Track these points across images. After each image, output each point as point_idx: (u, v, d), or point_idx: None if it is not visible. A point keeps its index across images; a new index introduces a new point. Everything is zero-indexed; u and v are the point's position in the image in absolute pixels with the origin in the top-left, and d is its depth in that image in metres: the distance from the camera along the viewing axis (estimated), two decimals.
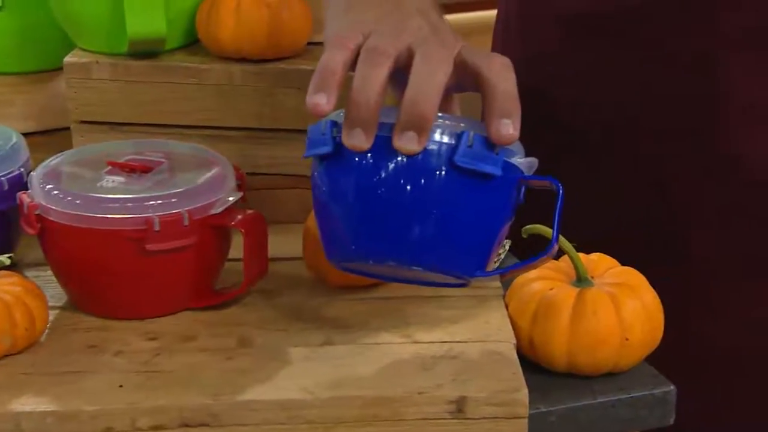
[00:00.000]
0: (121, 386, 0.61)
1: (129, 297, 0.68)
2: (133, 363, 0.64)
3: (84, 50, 0.85)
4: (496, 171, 0.60)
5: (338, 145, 0.60)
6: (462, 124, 0.60)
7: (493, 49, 0.98)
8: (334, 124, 0.60)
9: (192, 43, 0.86)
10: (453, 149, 0.59)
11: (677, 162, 0.84)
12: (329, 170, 0.61)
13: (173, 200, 0.66)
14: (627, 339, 0.67)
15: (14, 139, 0.74)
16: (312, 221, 0.70)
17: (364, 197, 0.60)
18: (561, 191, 0.62)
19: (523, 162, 0.62)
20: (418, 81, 0.58)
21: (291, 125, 0.83)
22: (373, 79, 0.58)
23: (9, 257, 0.64)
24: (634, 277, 0.71)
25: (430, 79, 0.58)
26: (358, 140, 0.58)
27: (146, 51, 0.82)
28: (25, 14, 0.90)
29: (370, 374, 0.62)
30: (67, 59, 0.83)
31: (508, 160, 0.61)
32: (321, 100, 0.58)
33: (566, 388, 0.66)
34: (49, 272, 0.72)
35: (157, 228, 0.65)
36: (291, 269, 0.75)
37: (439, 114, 0.60)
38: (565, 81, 0.88)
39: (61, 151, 0.84)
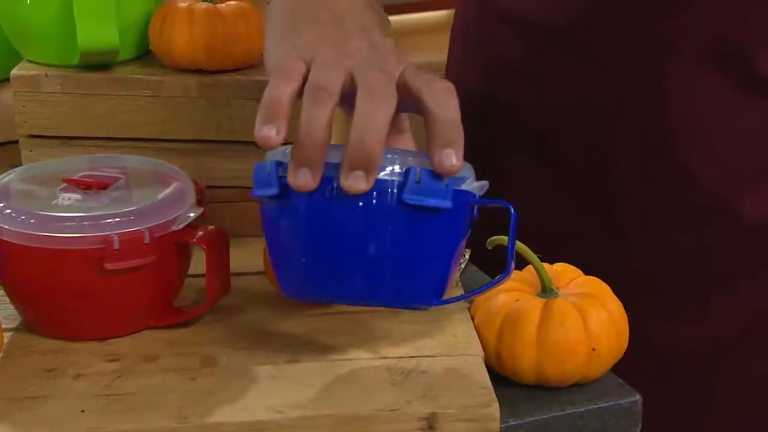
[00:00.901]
0: (83, 411, 0.59)
1: (87, 317, 0.66)
2: (94, 386, 0.62)
3: (32, 62, 0.83)
4: (446, 204, 0.60)
5: (284, 187, 0.59)
6: (409, 158, 0.60)
7: (452, 49, 0.98)
8: (279, 164, 0.60)
9: (144, 54, 0.85)
10: (401, 186, 0.59)
11: (629, 171, 0.85)
12: (277, 211, 0.61)
13: (132, 218, 0.65)
14: (594, 350, 0.67)
15: None
16: None
17: (312, 239, 0.60)
18: (513, 214, 0.62)
19: (474, 185, 0.62)
20: (362, 120, 0.57)
21: (249, 137, 0.80)
22: (317, 118, 0.57)
23: None
24: (598, 286, 0.71)
25: (374, 117, 0.57)
26: (305, 180, 0.57)
27: (98, 63, 0.81)
28: None
29: (339, 392, 0.62)
30: (15, 72, 0.82)
31: (457, 187, 0.61)
32: (271, 132, 0.58)
33: (534, 400, 0.67)
34: (0, 293, 0.70)
35: (116, 246, 0.63)
36: (252, 284, 0.74)
37: (388, 149, 0.59)
38: (524, 83, 0.89)
39: (9, 166, 0.82)
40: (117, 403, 0.60)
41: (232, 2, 0.82)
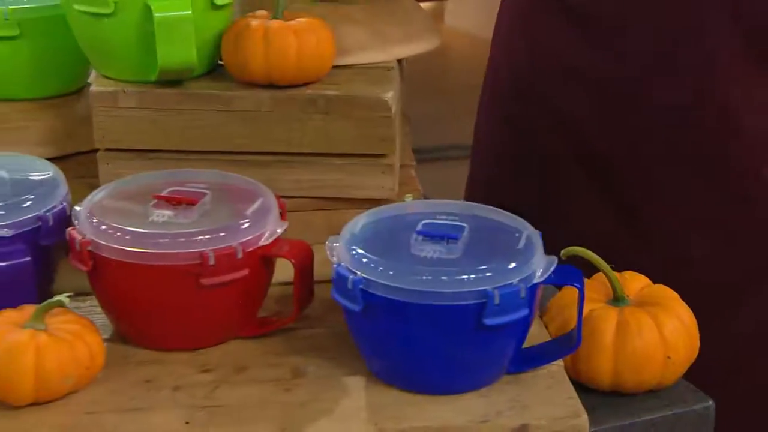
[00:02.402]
0: (187, 423, 0.60)
1: (181, 330, 0.67)
2: (193, 397, 0.62)
3: (108, 78, 0.83)
4: (525, 312, 0.61)
5: (367, 304, 0.60)
6: (488, 274, 0.60)
7: (495, 44, 0.98)
8: (361, 281, 0.60)
9: (213, 69, 0.85)
10: (480, 309, 0.59)
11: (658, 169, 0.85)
12: (359, 319, 0.62)
13: (224, 234, 0.65)
14: (669, 357, 0.68)
15: (52, 173, 0.73)
16: None
17: (390, 351, 0.62)
18: (582, 291, 0.63)
19: (543, 262, 0.63)
20: None
21: (317, 149, 0.82)
22: None
23: (68, 296, 0.62)
24: (667, 294, 0.71)
25: None
26: None
27: (174, 79, 0.81)
28: (41, 41, 0.88)
29: (430, 402, 0.62)
30: (94, 88, 0.82)
31: (531, 284, 0.61)
32: None
33: (610, 406, 0.67)
34: (89, 303, 0.70)
35: (212, 262, 0.64)
36: (326, 292, 0.74)
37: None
38: (564, 75, 0.89)
39: (83, 177, 0.82)
40: (219, 415, 0.61)
41: (302, 18, 0.83)
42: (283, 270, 0.70)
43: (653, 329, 0.67)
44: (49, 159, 0.82)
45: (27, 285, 0.66)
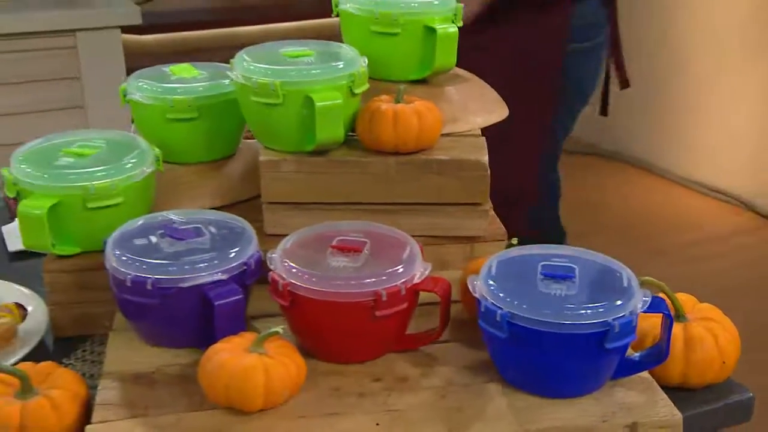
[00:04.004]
0: (377, 424, 0.59)
1: (355, 348, 0.66)
2: (375, 404, 0.61)
3: (272, 149, 0.83)
4: (633, 337, 0.60)
5: (511, 333, 0.60)
6: (601, 310, 0.59)
7: None
8: (507, 314, 0.60)
9: (346, 140, 0.85)
10: (603, 336, 0.59)
11: None
12: (503, 345, 0.61)
13: (387, 277, 0.65)
14: (724, 362, 0.67)
15: (248, 228, 0.72)
16: (468, 271, 0.70)
17: (529, 367, 0.61)
18: (671, 319, 0.63)
19: (641, 296, 0.62)
20: None
21: (431, 200, 0.82)
22: None
23: (282, 328, 0.62)
24: (714, 310, 0.71)
25: None
26: None
27: (324, 149, 0.81)
28: (213, 120, 0.88)
29: (557, 405, 0.61)
30: (262, 158, 0.81)
31: (637, 313, 0.60)
32: None
33: (678, 400, 0.66)
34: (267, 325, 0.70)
35: (384, 298, 0.63)
36: (453, 312, 0.72)
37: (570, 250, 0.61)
38: None
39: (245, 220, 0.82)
40: (399, 418, 0.60)
41: (417, 101, 0.82)
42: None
43: (712, 342, 0.67)
44: (217, 208, 0.81)
45: (240, 316, 0.66)
